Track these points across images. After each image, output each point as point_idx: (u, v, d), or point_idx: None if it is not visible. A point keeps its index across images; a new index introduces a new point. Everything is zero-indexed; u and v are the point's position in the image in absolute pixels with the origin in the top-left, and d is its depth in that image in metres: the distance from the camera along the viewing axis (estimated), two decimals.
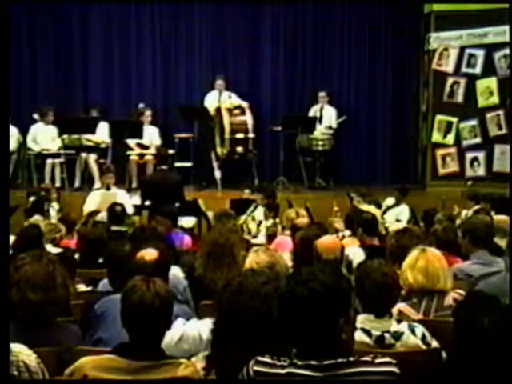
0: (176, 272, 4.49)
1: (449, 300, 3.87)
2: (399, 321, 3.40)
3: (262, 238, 7.84)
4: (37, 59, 12.23)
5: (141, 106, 11.73)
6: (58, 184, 11.01)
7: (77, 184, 11.43)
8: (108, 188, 9.67)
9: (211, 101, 11.54)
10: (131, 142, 11.34)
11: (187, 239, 6.90)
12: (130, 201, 9.17)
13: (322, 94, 11.84)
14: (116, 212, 7.65)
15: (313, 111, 11.87)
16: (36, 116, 11.46)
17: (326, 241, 4.81)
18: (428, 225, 6.54)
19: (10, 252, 4.61)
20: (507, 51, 11.03)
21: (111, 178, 9.76)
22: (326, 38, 12.27)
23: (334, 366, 2.30)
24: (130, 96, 12.33)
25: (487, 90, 11.29)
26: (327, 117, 11.80)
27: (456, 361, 2.77)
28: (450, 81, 11.44)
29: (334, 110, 11.87)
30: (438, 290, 3.90)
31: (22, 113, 11.73)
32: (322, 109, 11.81)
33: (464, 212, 8.21)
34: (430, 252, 4.04)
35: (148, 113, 11.59)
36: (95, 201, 9.31)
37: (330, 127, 11.75)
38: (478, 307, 2.75)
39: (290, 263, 4.77)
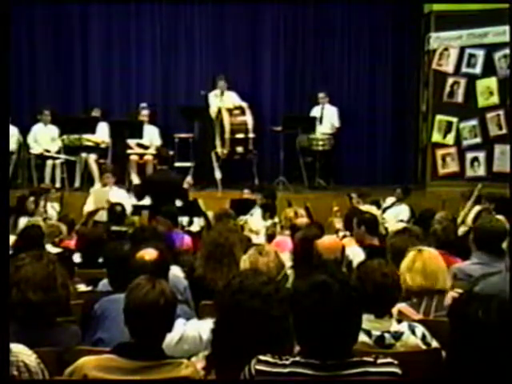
0: (176, 272, 4.49)
1: (448, 300, 3.85)
2: (399, 321, 3.39)
3: (261, 238, 7.82)
4: (37, 59, 12.22)
5: (142, 105, 11.73)
6: (58, 184, 11.03)
7: (77, 184, 11.43)
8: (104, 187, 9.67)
9: (213, 101, 11.53)
10: (131, 142, 11.34)
11: (187, 239, 6.89)
12: (129, 201, 9.14)
13: (321, 94, 11.85)
14: (116, 212, 7.66)
15: (314, 112, 11.86)
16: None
17: (326, 241, 4.80)
18: (425, 226, 6.51)
19: (10, 252, 4.61)
20: (507, 51, 11.02)
21: (109, 177, 9.74)
22: (325, 38, 12.26)
23: (337, 366, 2.30)
24: (129, 96, 12.34)
25: (487, 90, 11.28)
26: (329, 116, 11.81)
27: (454, 358, 2.76)
28: (450, 81, 11.44)
29: (335, 108, 11.88)
30: (438, 290, 3.89)
31: (22, 113, 11.74)
32: (322, 109, 11.82)
33: (462, 213, 8.19)
34: (426, 252, 4.02)
35: (145, 112, 11.57)
36: (90, 200, 9.32)
37: (332, 126, 11.76)
38: (472, 303, 2.75)
39: (289, 263, 4.76)
